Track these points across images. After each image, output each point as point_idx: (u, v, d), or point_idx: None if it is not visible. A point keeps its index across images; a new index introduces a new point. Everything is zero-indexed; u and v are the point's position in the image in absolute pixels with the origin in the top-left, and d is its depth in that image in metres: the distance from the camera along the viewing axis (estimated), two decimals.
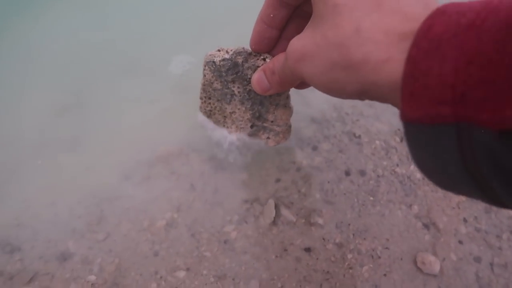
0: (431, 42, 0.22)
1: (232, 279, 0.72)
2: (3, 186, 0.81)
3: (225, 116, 0.61)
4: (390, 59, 0.26)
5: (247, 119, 0.59)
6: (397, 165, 0.91)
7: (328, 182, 0.87)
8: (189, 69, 1.03)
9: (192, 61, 1.04)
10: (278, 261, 0.76)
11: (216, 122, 0.65)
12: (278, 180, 0.86)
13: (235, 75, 0.52)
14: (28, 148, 0.87)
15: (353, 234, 0.80)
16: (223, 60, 0.51)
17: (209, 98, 0.58)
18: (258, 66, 0.51)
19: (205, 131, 0.78)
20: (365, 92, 0.31)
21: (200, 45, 1.09)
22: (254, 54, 0.51)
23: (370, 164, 0.91)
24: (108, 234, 0.76)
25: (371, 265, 0.77)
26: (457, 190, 0.26)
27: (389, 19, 0.26)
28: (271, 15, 0.43)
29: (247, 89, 0.54)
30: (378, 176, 0.89)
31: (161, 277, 0.72)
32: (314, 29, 0.33)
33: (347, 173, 0.89)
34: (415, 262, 0.78)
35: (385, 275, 0.76)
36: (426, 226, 0.83)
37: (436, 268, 0.77)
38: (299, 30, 0.45)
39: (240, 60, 0.51)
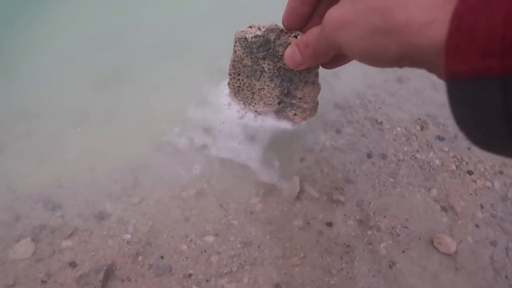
0: None
1: (257, 246, 0.76)
2: (45, 151, 0.86)
3: (253, 93, 0.63)
4: (434, 20, 0.25)
5: (275, 95, 0.61)
6: (417, 151, 0.94)
7: (350, 163, 0.91)
8: (221, 52, 1.07)
9: (223, 45, 1.09)
10: (301, 233, 0.79)
11: (244, 98, 0.67)
12: (302, 159, 0.90)
13: (266, 52, 0.54)
14: (68, 118, 0.92)
15: (373, 212, 0.84)
16: (255, 36, 0.53)
17: (239, 75, 0.60)
18: (290, 43, 0.52)
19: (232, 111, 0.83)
20: (405, 57, 0.30)
21: (232, 28, 1.14)
22: (286, 31, 0.52)
23: (391, 148, 0.94)
24: (142, 198, 0.81)
25: (390, 242, 0.80)
26: (498, 148, 0.26)
27: None
28: None
29: (278, 66, 0.56)
30: (399, 160, 0.92)
31: (191, 240, 0.76)
32: None
33: (369, 156, 0.92)
34: (432, 242, 0.81)
35: (403, 251, 0.79)
36: (444, 209, 0.86)
37: (452, 248, 0.80)
38: (331, 6, 0.48)
39: (272, 37, 0.53)
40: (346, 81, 1.05)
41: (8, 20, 1.05)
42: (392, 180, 0.89)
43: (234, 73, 0.62)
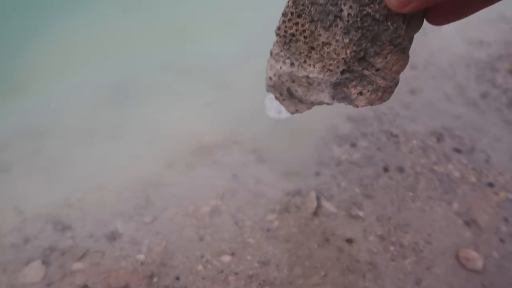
0: None
1: (276, 265, 0.73)
2: (53, 169, 0.84)
3: (312, 48, 0.40)
4: None
5: (343, 58, 0.40)
6: (435, 163, 0.92)
7: (367, 177, 0.88)
8: (228, 68, 1.06)
9: (232, 60, 1.07)
10: (321, 250, 0.76)
11: (295, 54, 0.42)
12: (318, 174, 0.88)
13: None
14: (76, 136, 0.90)
15: (394, 228, 0.81)
16: None
17: (299, 16, 0.39)
18: None
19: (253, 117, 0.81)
20: None
21: (239, 46, 1.13)
22: None
23: (408, 161, 0.91)
24: (155, 217, 0.78)
25: (414, 258, 0.77)
26: None
27: None
28: None
29: (364, 13, 0.36)
30: (417, 173, 0.90)
31: (207, 261, 0.73)
32: None
33: (386, 169, 0.90)
34: (457, 258, 0.77)
35: (428, 268, 0.76)
36: (466, 223, 0.83)
37: (479, 264, 0.77)
38: None
39: None
40: None
41: (17, 40, 1.04)
42: (411, 194, 0.86)
43: (292, 13, 0.39)
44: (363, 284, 0.73)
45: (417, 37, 0.30)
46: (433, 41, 1.26)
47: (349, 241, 0.78)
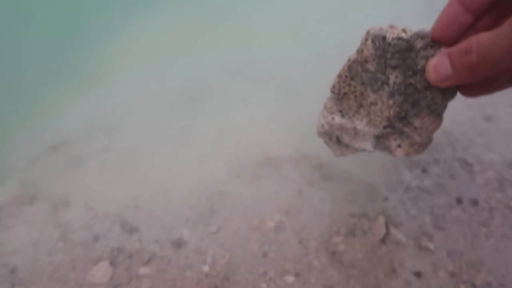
0: None
1: None
2: (122, 167, 0.85)
3: (361, 105, 0.50)
4: None
5: (387, 116, 0.48)
6: None
7: (438, 207, 0.84)
8: (296, 77, 1.04)
9: (299, 69, 1.05)
10: (387, 281, 0.73)
11: (346, 108, 0.53)
12: (386, 199, 0.84)
13: (401, 61, 0.43)
14: (145, 134, 0.90)
15: (466, 265, 0.76)
16: (399, 39, 0.43)
17: (352, 79, 0.49)
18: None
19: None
20: None
21: (308, 52, 1.10)
22: (432, 45, 0.42)
23: (482, 194, 0.86)
24: (220, 227, 0.77)
25: None
26: None
27: None
28: None
29: (407, 82, 0.45)
30: (492, 208, 0.84)
31: (270, 279, 0.71)
32: None
33: (459, 201, 0.85)
34: None
35: None
36: None
37: None
38: (493, 25, 0.37)
39: (419, 44, 0.42)
40: None
41: (92, 36, 1.07)
42: (484, 230, 0.81)
43: (347, 76, 0.48)
44: None
45: None
46: None
47: (418, 274, 0.75)
